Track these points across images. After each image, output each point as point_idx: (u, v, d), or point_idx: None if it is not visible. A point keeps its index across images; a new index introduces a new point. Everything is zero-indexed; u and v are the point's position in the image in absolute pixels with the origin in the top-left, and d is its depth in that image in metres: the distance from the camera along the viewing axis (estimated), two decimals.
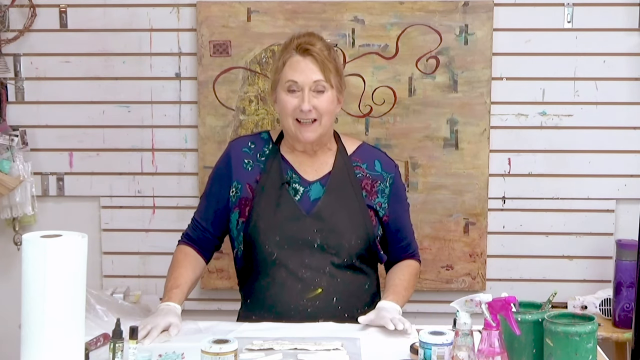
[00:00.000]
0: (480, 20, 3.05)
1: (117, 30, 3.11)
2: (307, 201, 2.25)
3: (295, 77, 2.19)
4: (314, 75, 2.19)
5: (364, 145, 2.39)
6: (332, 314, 2.19)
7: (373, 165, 2.34)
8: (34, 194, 3.12)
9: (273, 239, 2.21)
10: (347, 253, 2.24)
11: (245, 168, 2.29)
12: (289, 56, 2.22)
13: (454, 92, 3.08)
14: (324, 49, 2.22)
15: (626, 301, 2.91)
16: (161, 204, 3.18)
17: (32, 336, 1.59)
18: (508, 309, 1.70)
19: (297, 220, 2.22)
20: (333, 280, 2.21)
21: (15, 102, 3.15)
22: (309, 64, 2.19)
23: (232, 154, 2.33)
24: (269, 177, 2.26)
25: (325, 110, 2.21)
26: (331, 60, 2.22)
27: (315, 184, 2.27)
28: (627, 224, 3.13)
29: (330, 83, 2.20)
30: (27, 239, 1.61)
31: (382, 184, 2.32)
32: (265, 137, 2.36)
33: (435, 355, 1.72)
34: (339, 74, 2.25)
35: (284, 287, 2.20)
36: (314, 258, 2.21)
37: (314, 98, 2.19)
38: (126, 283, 3.18)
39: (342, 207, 2.25)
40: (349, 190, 2.27)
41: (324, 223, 2.22)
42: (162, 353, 1.91)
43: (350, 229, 2.24)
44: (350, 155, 2.33)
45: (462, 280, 3.16)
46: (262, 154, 2.31)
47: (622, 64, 3.08)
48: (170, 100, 3.15)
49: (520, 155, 3.14)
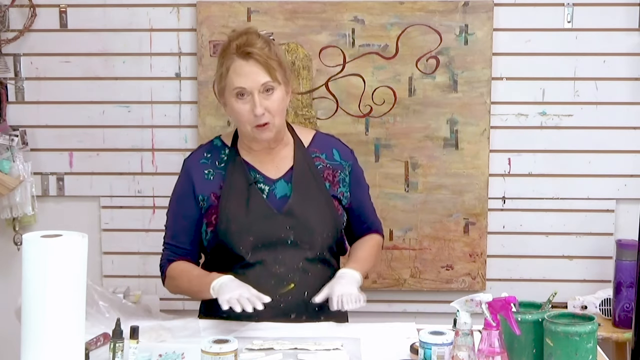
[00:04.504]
0: (480, 20, 3.05)
1: (117, 30, 3.11)
2: (274, 199, 2.24)
3: (242, 83, 2.16)
4: (260, 78, 2.16)
5: (318, 134, 2.39)
6: (304, 309, 2.19)
7: (332, 155, 2.34)
8: (34, 194, 3.12)
9: (247, 239, 2.20)
10: (320, 247, 2.25)
11: (207, 178, 2.27)
12: (230, 62, 2.18)
13: (454, 92, 3.08)
14: (264, 47, 2.18)
15: (626, 301, 2.91)
16: (161, 204, 3.17)
17: (32, 336, 1.59)
18: (508, 309, 1.70)
19: (269, 219, 2.21)
20: (305, 275, 2.21)
21: (15, 102, 3.15)
22: (253, 67, 2.16)
23: (191, 170, 2.29)
24: (233, 179, 2.24)
25: (276, 110, 2.19)
26: (273, 57, 2.18)
27: (279, 182, 2.26)
28: (627, 224, 3.13)
29: (277, 81, 2.18)
30: (27, 239, 1.60)
31: (342, 173, 2.33)
32: (219, 144, 2.33)
33: (435, 355, 1.72)
34: (283, 67, 2.22)
35: (257, 283, 2.16)
36: (288, 254, 2.21)
37: (264, 100, 2.16)
38: (126, 283, 3.18)
39: (311, 202, 2.25)
40: (313, 183, 2.27)
41: (297, 220, 2.22)
42: (162, 353, 1.91)
43: (322, 223, 2.25)
44: (308, 146, 2.33)
45: (462, 280, 3.16)
46: (220, 161, 2.29)
47: (622, 64, 3.08)
48: (170, 100, 3.15)
49: (520, 155, 3.14)
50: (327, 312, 2.18)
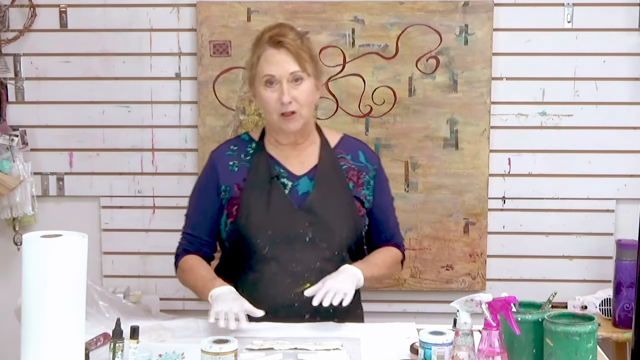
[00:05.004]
0: (480, 20, 3.05)
1: (117, 30, 3.11)
2: (296, 195, 2.25)
3: (271, 70, 2.19)
4: (289, 67, 2.18)
5: (345, 136, 2.41)
6: (318, 309, 2.18)
7: (357, 157, 2.35)
8: (34, 194, 3.12)
9: (265, 233, 2.21)
10: (338, 246, 2.24)
11: (232, 169, 2.29)
12: (262, 50, 2.21)
13: (454, 92, 3.08)
14: (297, 39, 2.21)
15: (626, 301, 2.91)
16: (161, 204, 3.18)
17: (32, 336, 1.59)
18: (508, 309, 1.70)
19: (289, 214, 2.22)
20: (322, 275, 2.20)
21: (15, 102, 3.15)
22: (284, 56, 2.19)
23: (216, 161, 2.32)
24: (257, 173, 2.26)
25: (304, 101, 2.21)
26: (305, 49, 2.21)
27: (303, 178, 2.27)
28: (627, 224, 3.13)
29: (307, 72, 2.20)
30: (27, 239, 1.60)
31: (366, 175, 2.33)
32: (247, 138, 2.36)
33: (435, 355, 1.72)
34: (314, 60, 2.25)
35: (273, 281, 2.19)
36: (305, 252, 2.22)
37: (292, 89, 2.19)
38: (126, 283, 3.18)
39: (332, 200, 2.25)
40: (336, 182, 2.28)
41: (316, 216, 2.22)
42: (162, 353, 1.91)
43: (341, 222, 2.25)
44: (334, 147, 2.34)
45: (462, 280, 3.16)
46: (246, 154, 2.31)
47: (622, 64, 3.08)
48: (170, 100, 3.15)
49: (520, 155, 3.14)
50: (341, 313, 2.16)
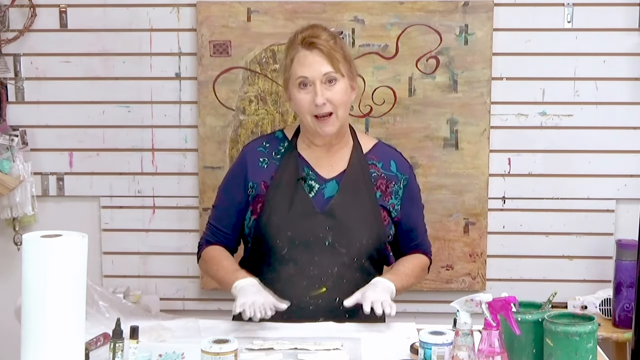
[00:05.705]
0: (480, 20, 3.05)
1: (117, 30, 3.11)
2: (321, 198, 2.24)
3: (304, 72, 2.17)
4: (323, 68, 2.17)
5: (379, 143, 2.38)
6: (334, 314, 2.18)
7: (389, 165, 2.32)
8: (34, 194, 3.12)
9: (285, 234, 2.20)
10: (358, 252, 2.22)
11: (261, 166, 2.28)
12: (295, 52, 2.20)
13: (454, 92, 3.08)
14: (329, 39, 2.19)
15: (626, 301, 2.91)
16: (161, 204, 3.18)
17: (32, 336, 1.59)
18: (508, 309, 1.70)
19: (309, 217, 2.21)
20: (339, 281, 2.19)
21: (15, 102, 3.15)
22: (317, 57, 2.17)
23: (247, 156, 2.31)
24: (285, 173, 2.25)
25: (339, 101, 2.19)
26: (338, 49, 2.19)
27: (331, 182, 2.26)
28: (627, 224, 3.13)
29: (340, 72, 2.18)
30: (27, 239, 1.60)
31: (396, 185, 2.30)
32: (280, 136, 2.34)
33: (435, 355, 1.72)
34: (348, 61, 2.23)
35: (290, 283, 2.19)
36: (324, 256, 2.20)
37: (327, 90, 2.17)
38: (126, 283, 3.18)
39: (355, 206, 2.23)
40: (362, 188, 2.25)
41: (337, 221, 2.20)
42: (162, 353, 1.91)
43: (362, 228, 2.23)
44: (366, 153, 2.32)
45: (462, 280, 3.16)
46: (277, 152, 2.30)
47: (622, 64, 3.08)
48: (170, 100, 3.15)
49: (520, 155, 3.14)
50: (356, 319, 2.15)
